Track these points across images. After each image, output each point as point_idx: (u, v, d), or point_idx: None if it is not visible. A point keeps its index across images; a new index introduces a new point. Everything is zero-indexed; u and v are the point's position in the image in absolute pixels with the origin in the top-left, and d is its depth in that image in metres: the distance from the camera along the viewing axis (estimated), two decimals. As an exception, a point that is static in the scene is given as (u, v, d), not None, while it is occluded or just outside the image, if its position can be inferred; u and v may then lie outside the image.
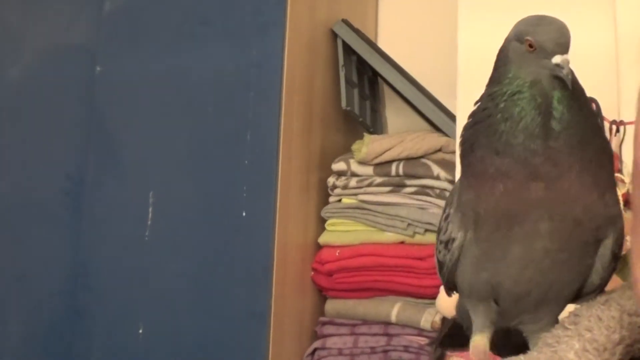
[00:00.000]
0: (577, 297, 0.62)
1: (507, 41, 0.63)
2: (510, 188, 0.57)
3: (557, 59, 0.58)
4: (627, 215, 0.54)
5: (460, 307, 0.69)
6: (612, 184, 0.60)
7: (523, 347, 0.59)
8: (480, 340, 0.62)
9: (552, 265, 0.59)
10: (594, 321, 0.48)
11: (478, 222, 0.60)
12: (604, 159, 0.59)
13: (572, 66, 0.58)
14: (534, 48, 0.60)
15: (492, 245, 0.60)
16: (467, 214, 0.61)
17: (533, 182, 0.57)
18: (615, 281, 1.25)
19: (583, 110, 0.59)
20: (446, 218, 0.63)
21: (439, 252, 0.64)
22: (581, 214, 0.57)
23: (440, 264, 0.64)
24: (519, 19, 1.70)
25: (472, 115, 0.63)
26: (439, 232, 0.64)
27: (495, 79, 0.62)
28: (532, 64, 0.60)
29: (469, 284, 0.63)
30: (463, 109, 1.53)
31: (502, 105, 0.59)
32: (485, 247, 0.60)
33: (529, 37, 0.60)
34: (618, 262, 0.61)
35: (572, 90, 0.58)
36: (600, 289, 0.61)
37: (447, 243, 0.62)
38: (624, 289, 0.52)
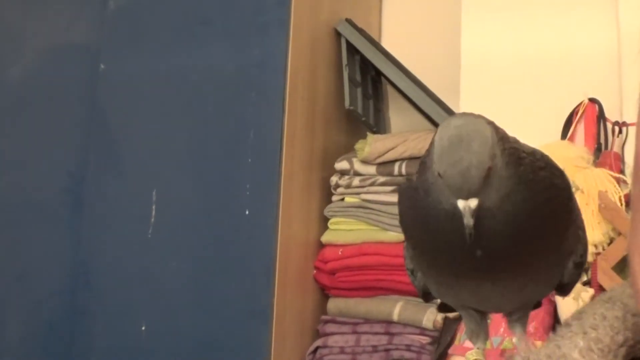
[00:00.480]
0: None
1: (432, 142, 0.54)
2: (446, 275, 0.56)
3: (460, 204, 0.51)
4: (627, 216, 0.54)
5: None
6: (570, 227, 0.56)
7: None
8: (474, 355, 0.63)
9: (514, 294, 0.57)
10: (599, 319, 0.48)
11: (425, 275, 0.60)
12: (558, 218, 0.54)
13: (574, 67, 0.57)
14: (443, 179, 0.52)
15: (443, 293, 0.60)
16: (416, 265, 0.61)
17: (466, 279, 0.55)
18: (617, 281, 1.25)
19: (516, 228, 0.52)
20: (406, 249, 0.63)
21: (409, 275, 0.64)
22: (534, 274, 0.56)
23: (414, 284, 0.65)
24: (522, 19, 1.70)
25: (407, 195, 0.57)
26: (404, 256, 0.64)
27: (421, 177, 0.55)
28: (445, 190, 0.53)
29: (442, 300, 0.64)
30: (466, 108, 1.53)
31: (424, 212, 0.54)
32: (438, 289, 0.61)
33: (435, 168, 0.52)
34: (582, 268, 0.61)
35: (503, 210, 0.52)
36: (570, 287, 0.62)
37: (412, 272, 0.63)
38: (624, 286, 0.52)
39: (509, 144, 0.52)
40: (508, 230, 0.51)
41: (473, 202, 0.50)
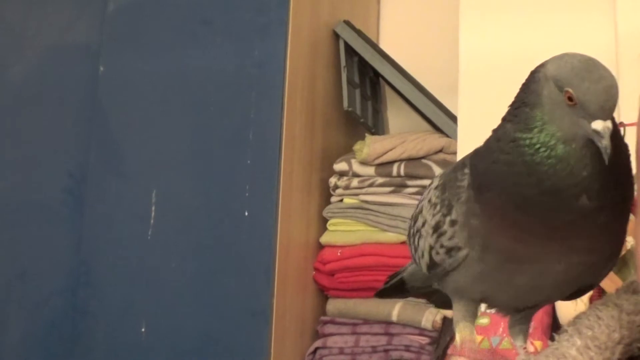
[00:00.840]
0: None
1: (543, 77, 0.54)
2: (526, 240, 0.52)
3: (597, 125, 0.49)
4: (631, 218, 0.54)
5: (414, 274, 0.68)
6: (625, 231, 0.54)
7: None
8: (464, 329, 0.61)
9: (554, 289, 0.56)
10: (594, 320, 0.49)
11: (486, 251, 0.55)
12: (624, 215, 0.53)
13: None
14: (574, 102, 0.51)
15: (497, 271, 0.56)
16: (475, 239, 0.56)
17: (550, 241, 0.52)
18: (616, 282, 1.26)
19: (617, 172, 0.52)
20: (452, 224, 0.57)
21: (437, 253, 0.59)
22: (597, 260, 0.54)
23: (434, 264, 0.60)
24: (520, 20, 1.70)
25: (490, 150, 0.55)
26: (438, 231, 0.58)
27: (522, 119, 0.53)
28: (567, 119, 0.51)
29: (460, 288, 0.60)
30: (464, 109, 1.54)
31: (527, 158, 0.52)
32: (489, 269, 0.56)
33: (570, 90, 0.51)
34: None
35: (617, 148, 0.51)
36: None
37: (451, 250, 0.57)
38: (619, 292, 0.52)
39: None
40: (612, 177, 0.50)
41: (609, 124, 0.49)
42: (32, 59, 1.71)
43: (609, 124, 0.49)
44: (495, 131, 0.56)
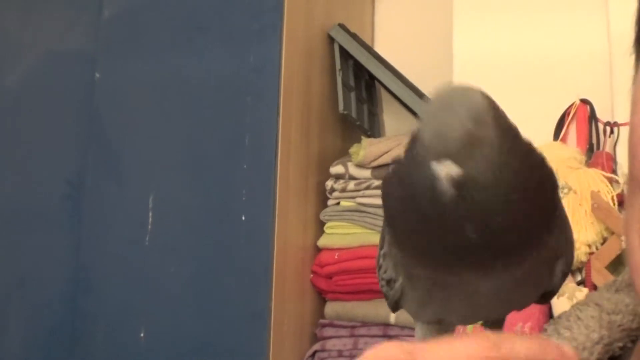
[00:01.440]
0: None
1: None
2: (435, 268, 0.49)
3: (434, 165, 0.45)
4: (620, 215, 0.54)
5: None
6: (554, 219, 0.50)
7: None
8: None
9: (501, 302, 0.53)
10: (573, 320, 0.48)
11: (411, 279, 0.53)
12: (545, 204, 0.49)
13: (566, 68, 0.56)
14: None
15: (431, 297, 0.53)
16: (399, 267, 0.54)
17: (458, 269, 0.48)
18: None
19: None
20: (384, 257, 0.56)
21: (382, 286, 0.56)
22: (527, 269, 0.50)
23: (385, 296, 0.57)
24: (513, 22, 1.72)
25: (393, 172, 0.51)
26: (378, 265, 0.57)
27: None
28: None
29: (415, 314, 0.58)
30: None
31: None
32: (423, 295, 0.53)
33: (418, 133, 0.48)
34: (566, 277, 0.58)
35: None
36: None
37: (389, 282, 0.55)
38: (601, 291, 0.52)
39: (505, 120, 0.47)
40: (500, 205, 0.45)
41: (452, 167, 0.44)
42: (28, 65, 1.71)
43: (449, 167, 0.44)
44: (395, 162, 0.52)
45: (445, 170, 0.43)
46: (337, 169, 1.69)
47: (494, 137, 0.45)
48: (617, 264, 1.36)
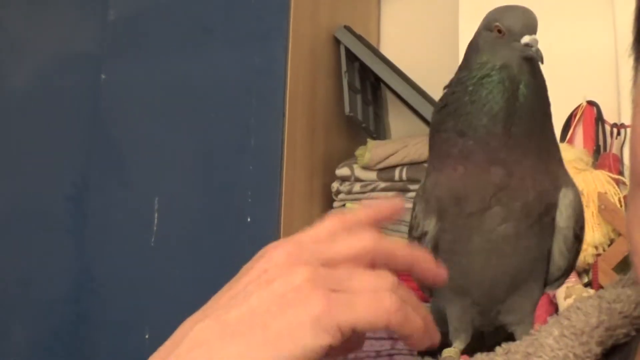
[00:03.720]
0: (547, 283, 0.63)
1: (477, 33, 0.64)
2: (470, 170, 0.59)
3: (525, 39, 0.59)
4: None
5: (434, 309, 0.69)
6: (562, 168, 0.63)
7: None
8: (449, 352, 0.62)
9: (512, 251, 0.60)
10: (573, 310, 0.50)
11: (441, 210, 0.61)
12: (554, 147, 0.62)
13: (572, 70, 0.61)
14: (502, 33, 0.61)
15: (456, 236, 0.61)
16: (431, 201, 0.61)
17: (492, 166, 0.58)
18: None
19: (544, 98, 0.61)
20: (415, 217, 0.63)
21: (412, 239, 0.64)
22: (534, 200, 0.59)
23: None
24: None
25: (441, 99, 0.65)
26: (410, 232, 0.64)
27: (464, 66, 0.63)
28: (502, 49, 0.61)
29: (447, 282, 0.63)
30: (465, 113, 1.54)
31: (470, 88, 0.61)
32: (450, 238, 0.61)
33: (497, 23, 0.62)
34: (581, 243, 0.62)
35: (538, 76, 0.60)
36: (567, 273, 0.63)
37: (420, 238, 0.62)
38: (607, 286, 0.53)
39: None
40: (536, 102, 0.60)
41: (536, 37, 0.59)
42: (34, 67, 1.72)
43: (535, 37, 0.59)
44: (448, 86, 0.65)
45: (536, 39, 0.59)
46: (342, 171, 1.69)
47: None
48: (624, 266, 1.36)
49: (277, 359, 0.41)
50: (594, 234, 1.37)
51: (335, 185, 1.69)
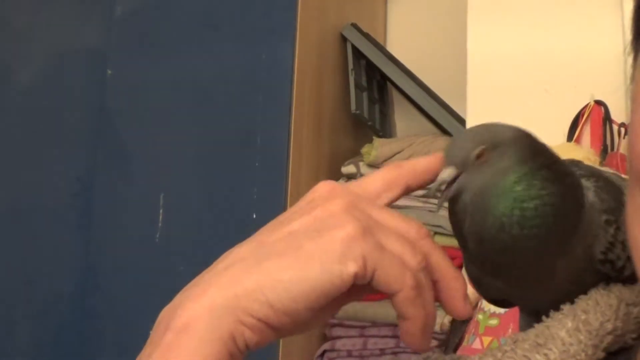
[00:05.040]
0: None
1: None
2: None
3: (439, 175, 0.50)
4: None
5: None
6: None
7: None
8: None
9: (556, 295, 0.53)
10: (592, 305, 0.48)
11: None
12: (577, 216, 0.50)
13: (580, 69, 0.56)
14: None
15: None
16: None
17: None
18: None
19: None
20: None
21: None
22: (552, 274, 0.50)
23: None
24: (528, 22, 1.71)
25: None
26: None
27: None
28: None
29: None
30: (472, 112, 1.54)
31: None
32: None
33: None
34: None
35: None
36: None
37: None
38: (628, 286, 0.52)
39: (541, 154, 0.49)
40: (492, 223, 0.48)
41: (448, 171, 0.49)
42: (40, 63, 1.71)
43: (444, 172, 0.49)
44: None
45: (444, 175, 0.49)
46: (348, 168, 1.69)
47: (498, 162, 0.48)
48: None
49: (304, 280, 0.43)
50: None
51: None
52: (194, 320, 0.44)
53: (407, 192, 0.50)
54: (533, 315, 0.52)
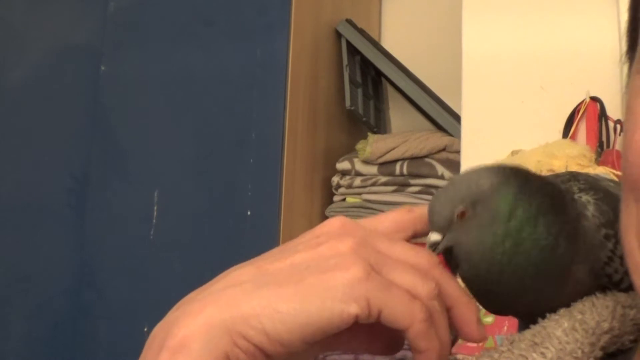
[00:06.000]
0: None
1: None
2: None
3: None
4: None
5: None
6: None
7: None
8: None
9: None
10: (588, 306, 0.48)
11: None
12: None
13: (576, 66, 0.56)
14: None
15: None
16: None
17: None
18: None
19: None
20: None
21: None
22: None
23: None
24: (523, 18, 1.71)
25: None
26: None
27: None
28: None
29: None
30: (467, 108, 1.53)
31: None
32: None
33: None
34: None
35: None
36: None
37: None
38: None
39: (528, 195, 0.49)
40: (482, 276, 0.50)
41: (434, 236, 0.49)
42: (33, 59, 1.71)
43: (432, 236, 0.49)
44: None
45: (430, 240, 0.49)
46: (343, 164, 1.69)
47: (480, 218, 0.49)
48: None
49: (301, 313, 0.42)
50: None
51: (335, 179, 1.69)
52: (190, 339, 0.43)
53: (414, 237, 0.51)
54: (529, 317, 0.53)
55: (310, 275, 0.43)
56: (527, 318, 0.53)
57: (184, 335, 0.44)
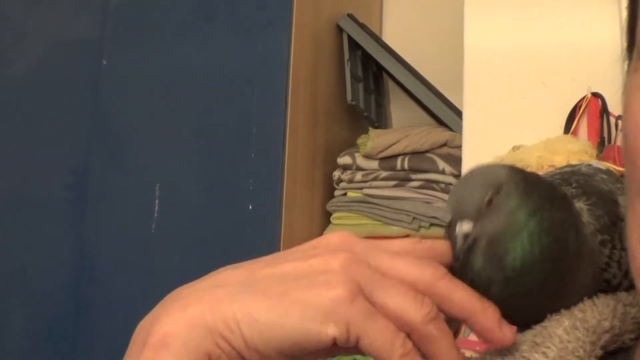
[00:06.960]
0: None
1: None
2: None
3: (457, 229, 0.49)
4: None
5: None
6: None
7: None
8: None
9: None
10: (589, 305, 0.48)
11: None
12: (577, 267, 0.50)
13: (577, 61, 0.56)
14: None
15: None
16: None
17: None
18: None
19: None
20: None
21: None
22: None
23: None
24: (525, 14, 1.70)
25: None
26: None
27: None
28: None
29: None
30: (469, 103, 1.53)
31: None
32: None
33: None
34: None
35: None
36: None
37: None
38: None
39: (531, 188, 0.49)
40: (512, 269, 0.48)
41: (466, 225, 0.47)
42: (34, 53, 1.71)
43: (464, 225, 0.48)
44: None
45: (462, 230, 0.47)
46: (344, 159, 1.69)
47: (507, 203, 0.47)
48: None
49: (279, 327, 0.42)
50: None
51: (336, 174, 1.69)
52: (171, 337, 0.43)
53: None
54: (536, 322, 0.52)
55: (297, 289, 0.43)
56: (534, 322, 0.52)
57: (165, 332, 0.44)
